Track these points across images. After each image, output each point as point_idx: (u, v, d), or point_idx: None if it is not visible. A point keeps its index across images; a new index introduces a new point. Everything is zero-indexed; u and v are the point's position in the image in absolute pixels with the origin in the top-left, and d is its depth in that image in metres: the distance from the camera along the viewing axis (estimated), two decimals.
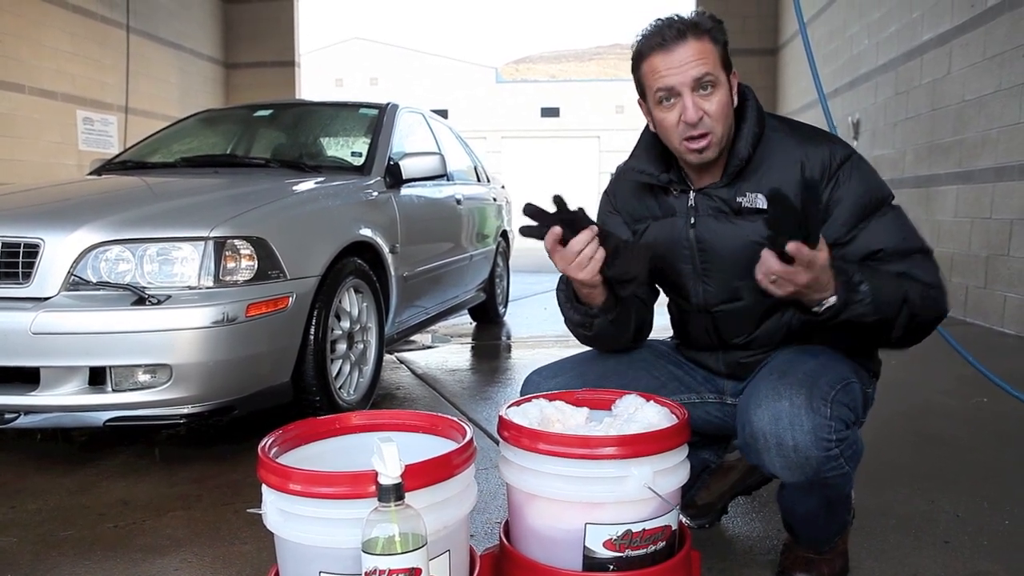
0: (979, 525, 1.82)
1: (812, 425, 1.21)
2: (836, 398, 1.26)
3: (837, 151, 1.40)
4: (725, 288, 1.47)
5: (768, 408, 1.24)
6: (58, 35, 7.85)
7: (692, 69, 1.34)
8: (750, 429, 1.26)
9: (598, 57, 60.83)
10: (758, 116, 1.42)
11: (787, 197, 1.19)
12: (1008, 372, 3.02)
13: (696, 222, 1.46)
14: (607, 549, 1.18)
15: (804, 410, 1.22)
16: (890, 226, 1.37)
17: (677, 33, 1.34)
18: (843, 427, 1.25)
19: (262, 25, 11.18)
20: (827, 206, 1.37)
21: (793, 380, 1.26)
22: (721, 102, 1.36)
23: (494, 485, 2.03)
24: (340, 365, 2.67)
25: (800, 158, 1.39)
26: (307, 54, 17.49)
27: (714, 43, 1.36)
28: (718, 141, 1.38)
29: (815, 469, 1.23)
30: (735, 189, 1.42)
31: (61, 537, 1.78)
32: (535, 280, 8.01)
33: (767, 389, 1.26)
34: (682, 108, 1.35)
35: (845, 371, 1.34)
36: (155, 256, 2.14)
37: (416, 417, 1.30)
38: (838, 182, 1.37)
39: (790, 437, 1.22)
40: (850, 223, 1.36)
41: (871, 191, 1.38)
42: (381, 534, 0.95)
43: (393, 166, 3.19)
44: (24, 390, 2.05)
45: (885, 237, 1.36)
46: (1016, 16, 4.57)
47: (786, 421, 1.22)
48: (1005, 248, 4.63)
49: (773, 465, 1.25)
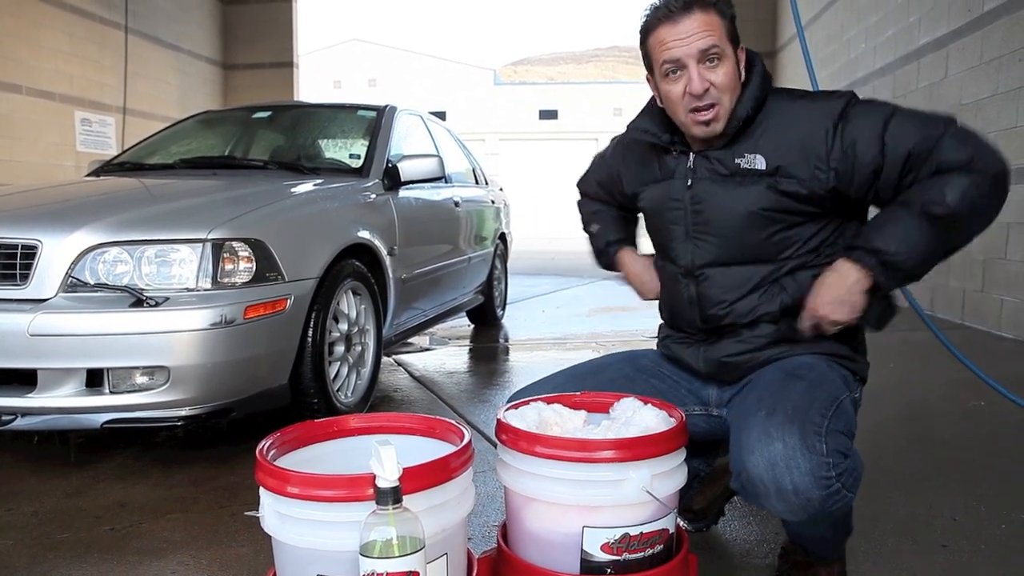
0: (977, 529, 1.82)
1: (810, 466, 1.16)
2: (830, 428, 1.22)
3: (835, 102, 1.37)
4: (714, 249, 1.45)
5: (762, 454, 1.19)
6: (57, 36, 7.85)
7: (698, 41, 1.34)
8: (746, 476, 1.21)
9: (596, 59, 60.91)
10: (762, 81, 1.42)
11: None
12: (1005, 376, 3.02)
13: (693, 183, 1.45)
14: (605, 552, 1.18)
15: (799, 451, 1.17)
16: (904, 125, 1.32)
17: (683, 5, 1.34)
18: (841, 459, 1.20)
19: (260, 26, 11.18)
20: (846, 151, 1.33)
21: (783, 417, 1.21)
22: (727, 73, 1.36)
23: (491, 488, 2.03)
24: (338, 367, 2.66)
25: (797, 116, 1.38)
26: (305, 55, 17.49)
27: (721, 16, 1.36)
28: (725, 112, 1.38)
29: (818, 508, 1.19)
30: (733, 151, 1.41)
31: (58, 540, 1.77)
32: (533, 283, 8.02)
33: (757, 431, 1.21)
34: (688, 80, 1.36)
35: (834, 388, 1.32)
36: (153, 258, 2.14)
37: (414, 420, 1.30)
38: (845, 126, 1.34)
39: (788, 481, 1.17)
40: (875, 149, 1.32)
41: (877, 116, 1.34)
42: (379, 537, 0.95)
43: (391, 168, 3.19)
44: (21, 392, 2.05)
45: (905, 139, 1.31)
46: (1013, 20, 4.58)
47: (782, 466, 1.17)
48: (1002, 252, 4.64)
49: (774, 509, 1.21)
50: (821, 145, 1.35)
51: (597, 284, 7.79)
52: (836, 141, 1.34)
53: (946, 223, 1.28)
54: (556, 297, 6.92)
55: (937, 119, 1.33)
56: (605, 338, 4.69)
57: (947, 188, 1.27)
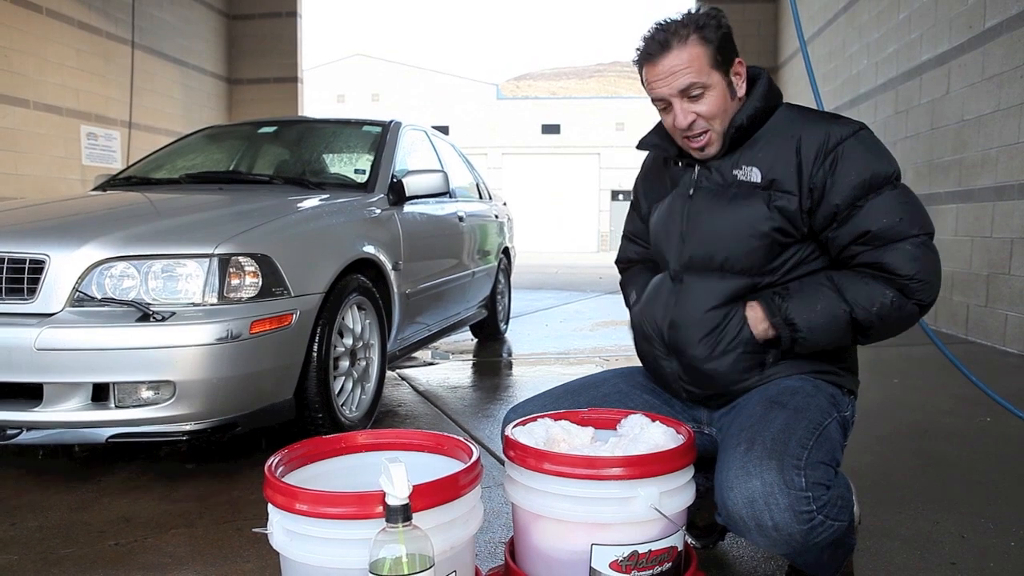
0: (985, 546, 1.81)
1: (788, 502, 1.17)
2: (810, 460, 1.22)
3: (836, 130, 1.37)
4: (700, 256, 1.46)
5: (740, 491, 1.19)
6: (63, 50, 7.91)
7: (676, 80, 1.37)
8: (726, 512, 1.22)
9: (598, 74, 61.20)
10: (765, 92, 1.43)
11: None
12: (1011, 391, 3.02)
13: (695, 194, 1.48)
14: (613, 570, 1.17)
15: (778, 487, 1.17)
16: (887, 205, 1.34)
17: (659, 45, 1.37)
18: (823, 491, 1.20)
19: (265, 42, 11.27)
20: (822, 188, 1.35)
21: (762, 451, 1.21)
22: (714, 102, 1.38)
23: (497, 504, 2.02)
24: (343, 382, 2.67)
25: (797, 132, 1.39)
26: (309, 70, 17.61)
27: (704, 43, 1.36)
28: (719, 136, 1.42)
29: (801, 543, 1.19)
30: (732, 160, 1.44)
31: (62, 555, 1.77)
32: (536, 297, 8.02)
33: (736, 468, 1.21)
34: (674, 115, 1.40)
35: (817, 414, 1.32)
36: (160, 273, 2.15)
37: (422, 436, 1.30)
38: (836, 161, 1.35)
39: (768, 518, 1.17)
40: (846, 202, 1.34)
41: (870, 168, 1.35)
42: (388, 555, 0.95)
43: (396, 183, 3.21)
44: (27, 406, 2.05)
45: (877, 217, 1.33)
46: (1014, 37, 4.61)
47: (761, 503, 1.17)
48: (1006, 267, 4.64)
49: (759, 543, 1.22)
50: (811, 164, 1.36)
51: (600, 298, 7.80)
52: (822, 165, 1.36)
53: (861, 326, 1.37)
54: (559, 311, 6.92)
55: (916, 219, 1.35)
56: (608, 352, 4.69)
57: (876, 299, 1.34)
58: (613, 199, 29.68)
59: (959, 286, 5.21)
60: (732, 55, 1.41)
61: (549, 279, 11.15)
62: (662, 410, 1.51)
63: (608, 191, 30.07)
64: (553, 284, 10.25)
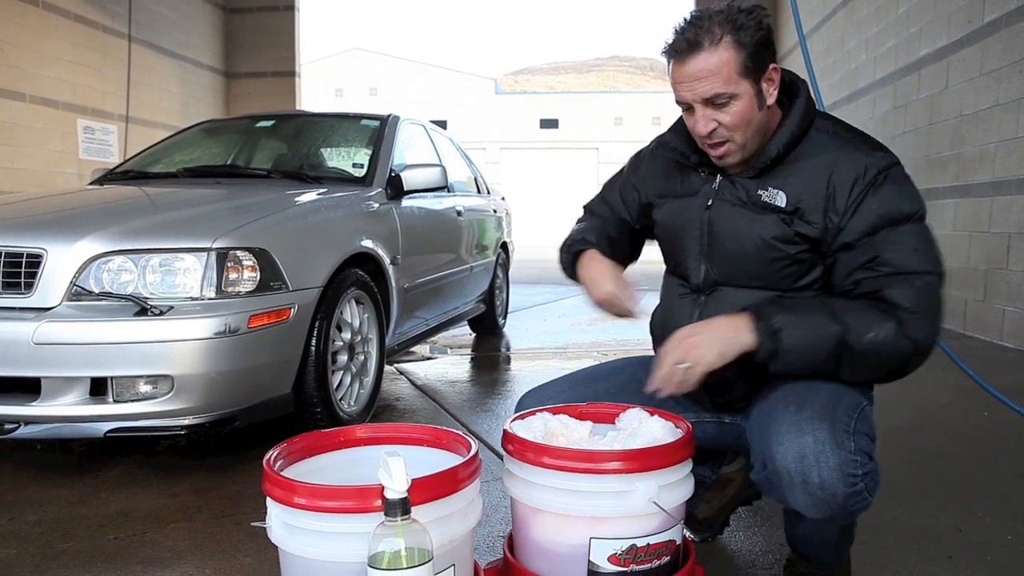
0: (982, 540, 1.81)
1: (838, 461, 1.17)
2: (857, 429, 1.22)
3: (873, 163, 1.32)
4: (725, 273, 1.43)
5: (792, 445, 1.19)
6: (60, 44, 7.88)
7: (701, 87, 1.29)
8: (772, 466, 1.22)
9: (597, 69, 61.11)
10: (803, 114, 1.36)
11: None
12: (1008, 386, 3.02)
13: (713, 205, 1.43)
14: (612, 564, 1.17)
15: (829, 446, 1.18)
16: (903, 238, 1.30)
17: (687, 44, 1.29)
18: (867, 460, 1.21)
19: (263, 35, 11.22)
20: (843, 214, 1.31)
21: (812, 413, 1.22)
22: (739, 112, 1.30)
23: (496, 498, 2.03)
24: (341, 376, 2.67)
25: (831, 164, 1.33)
26: (307, 64, 17.57)
27: (737, 48, 1.27)
28: (738, 148, 1.35)
29: (841, 505, 1.19)
30: (760, 182, 1.38)
31: (61, 549, 1.77)
32: (534, 291, 8.02)
33: (787, 424, 1.21)
34: (695, 120, 1.34)
35: (857, 395, 1.31)
36: (158, 267, 2.14)
37: (420, 430, 1.30)
38: (866, 194, 1.31)
39: (816, 475, 1.17)
40: (864, 231, 1.30)
41: (896, 204, 1.30)
42: (387, 548, 0.95)
43: (394, 178, 3.20)
44: (25, 400, 2.04)
45: (890, 246, 1.29)
46: (1013, 32, 4.60)
47: (812, 458, 1.18)
48: (1004, 262, 4.65)
49: (797, 503, 1.21)
50: (842, 194, 1.31)
51: None
52: (852, 195, 1.31)
53: (850, 350, 1.26)
54: (557, 306, 6.92)
55: (930, 257, 1.30)
56: (607, 347, 4.69)
57: (872, 327, 1.25)
58: None
59: (957, 281, 5.21)
60: (766, 61, 1.30)
61: (547, 274, 11.13)
62: (680, 399, 1.48)
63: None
64: (551, 279, 10.23)
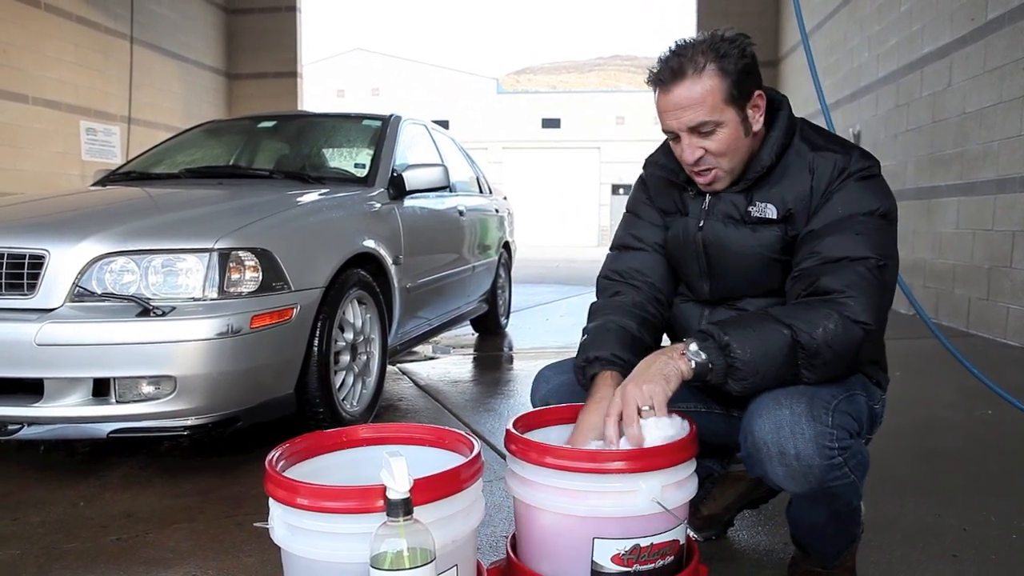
0: (986, 539, 1.81)
1: (814, 433, 1.20)
2: (838, 407, 1.25)
3: (845, 163, 1.35)
4: (727, 288, 1.47)
5: (769, 417, 1.23)
6: (62, 46, 7.89)
7: (686, 115, 1.31)
8: (751, 439, 1.25)
9: (599, 68, 61.11)
10: (788, 126, 1.39)
11: None
12: (1013, 384, 3.01)
13: (704, 225, 1.45)
14: (615, 564, 1.17)
15: (805, 418, 1.21)
16: (849, 228, 1.31)
17: (671, 73, 1.31)
18: (846, 435, 1.23)
19: (265, 36, 11.23)
20: (815, 212, 1.34)
21: (794, 390, 1.25)
22: (725, 140, 1.33)
23: (499, 498, 2.02)
24: (343, 376, 2.66)
25: (812, 165, 1.36)
26: (309, 65, 17.55)
27: (721, 76, 1.29)
28: (725, 174, 1.38)
29: (818, 478, 1.21)
30: (749, 196, 1.41)
31: (64, 549, 1.77)
32: (537, 291, 8.02)
33: (768, 400, 1.25)
34: (681, 148, 1.36)
35: (849, 385, 1.33)
36: (160, 267, 2.14)
37: (423, 430, 1.29)
38: (833, 193, 1.34)
39: (791, 446, 1.20)
40: (817, 222, 1.33)
41: (856, 202, 1.32)
42: (389, 549, 0.94)
43: (397, 178, 3.20)
44: (28, 401, 2.05)
45: (831, 236, 1.30)
46: (1016, 29, 4.59)
47: (787, 430, 1.21)
48: (1007, 260, 4.63)
49: (776, 475, 1.23)
50: (816, 196, 1.35)
51: None
52: (823, 195, 1.34)
53: (806, 351, 1.24)
54: (559, 306, 6.91)
55: (869, 245, 1.28)
56: None
57: (818, 322, 1.24)
58: (613, 193, 29.66)
59: (960, 279, 5.20)
60: (751, 88, 1.32)
61: (549, 273, 11.15)
62: (691, 395, 1.49)
63: (608, 185, 30.05)
64: (553, 278, 10.24)
